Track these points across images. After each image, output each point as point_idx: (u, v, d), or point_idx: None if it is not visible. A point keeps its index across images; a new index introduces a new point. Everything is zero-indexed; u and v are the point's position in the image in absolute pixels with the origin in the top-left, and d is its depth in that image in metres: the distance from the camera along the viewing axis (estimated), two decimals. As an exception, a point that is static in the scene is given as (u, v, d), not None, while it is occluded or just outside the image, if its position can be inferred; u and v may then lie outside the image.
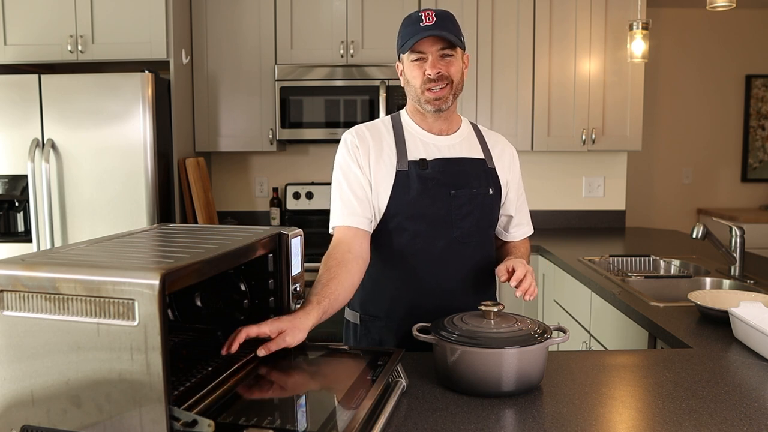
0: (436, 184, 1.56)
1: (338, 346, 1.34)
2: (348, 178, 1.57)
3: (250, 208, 3.91)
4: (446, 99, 1.54)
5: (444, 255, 1.58)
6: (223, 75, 3.51)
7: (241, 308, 1.28)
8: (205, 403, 0.99)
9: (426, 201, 1.56)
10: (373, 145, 1.58)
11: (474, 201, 1.59)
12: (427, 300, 1.58)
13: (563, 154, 3.83)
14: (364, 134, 1.60)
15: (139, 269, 0.87)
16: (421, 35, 1.49)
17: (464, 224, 1.58)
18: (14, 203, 3.17)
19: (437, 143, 1.61)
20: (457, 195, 1.58)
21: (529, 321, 1.30)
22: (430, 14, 1.52)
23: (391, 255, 1.59)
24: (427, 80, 1.52)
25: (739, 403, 1.18)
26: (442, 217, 1.57)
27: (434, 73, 1.51)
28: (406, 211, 1.56)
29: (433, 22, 1.50)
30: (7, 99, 2.99)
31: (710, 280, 2.31)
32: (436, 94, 1.53)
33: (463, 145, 1.64)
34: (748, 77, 4.89)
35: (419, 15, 1.53)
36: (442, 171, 1.57)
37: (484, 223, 1.63)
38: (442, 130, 1.63)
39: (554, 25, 3.48)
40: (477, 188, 1.60)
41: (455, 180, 1.58)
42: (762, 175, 4.98)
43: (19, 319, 0.90)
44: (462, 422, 1.10)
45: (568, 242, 3.31)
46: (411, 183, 1.55)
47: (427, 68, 1.51)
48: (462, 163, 1.60)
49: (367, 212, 1.55)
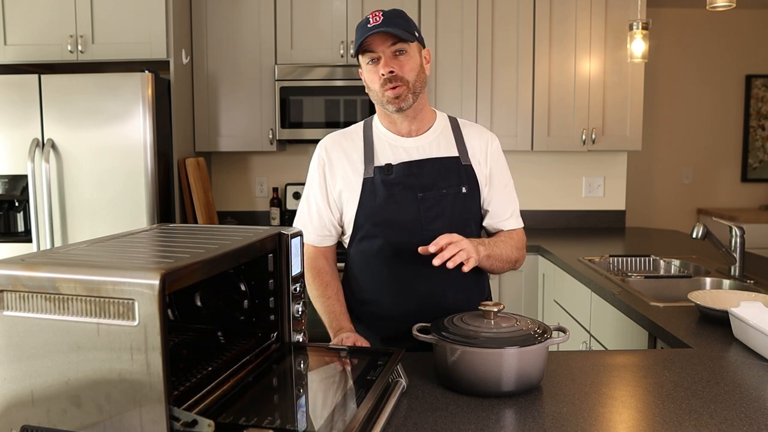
0: (402, 189, 1.56)
1: (338, 346, 1.34)
2: (308, 197, 1.66)
3: (250, 208, 3.91)
4: (405, 97, 1.53)
5: (418, 258, 1.55)
6: (223, 75, 3.51)
7: (241, 308, 1.28)
8: (205, 403, 0.99)
9: (393, 206, 1.56)
10: (341, 155, 1.62)
11: (444, 201, 1.58)
12: (408, 303, 1.59)
13: (563, 154, 3.83)
14: (332, 145, 1.64)
15: (139, 269, 0.87)
16: (367, 33, 1.48)
17: (435, 226, 1.56)
18: (14, 203, 3.17)
19: (406, 145, 1.61)
20: (425, 197, 1.57)
21: (529, 321, 1.30)
22: (377, 14, 1.50)
23: (369, 260, 1.61)
24: (384, 81, 1.51)
25: (739, 403, 1.18)
26: (412, 221, 1.56)
27: (387, 72, 1.49)
28: (374, 218, 1.57)
29: (380, 21, 1.48)
30: (7, 99, 2.99)
31: (710, 280, 2.31)
32: (393, 92, 1.51)
33: (433, 144, 1.62)
34: (748, 77, 4.89)
35: (367, 18, 1.51)
36: (407, 174, 1.57)
37: (459, 222, 1.59)
38: (412, 131, 1.62)
39: (554, 25, 3.48)
40: (447, 188, 1.58)
41: (422, 182, 1.57)
42: (762, 175, 4.98)
43: (19, 319, 0.90)
44: (462, 422, 1.10)
45: (568, 242, 3.31)
46: (377, 189, 1.57)
47: (381, 68, 1.50)
48: (428, 164, 1.59)
49: (326, 230, 1.66)
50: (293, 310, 1.27)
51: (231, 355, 1.16)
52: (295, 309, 1.27)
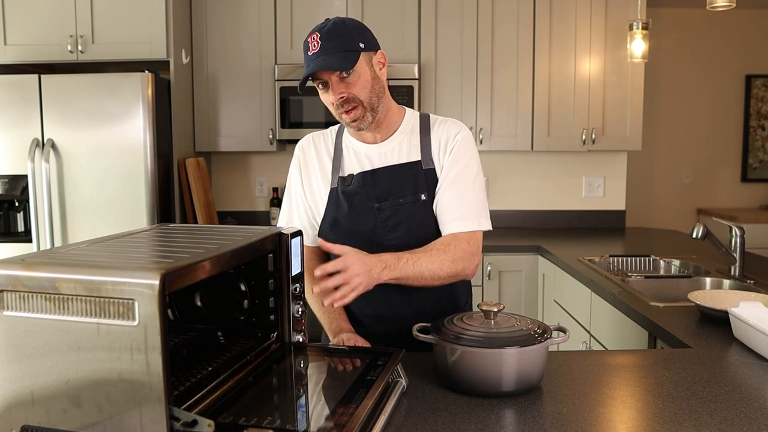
0: (360, 199, 1.55)
1: (338, 346, 1.34)
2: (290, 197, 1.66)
3: (250, 208, 3.91)
4: (363, 118, 1.49)
5: None
6: (223, 75, 3.51)
7: (241, 308, 1.28)
8: (205, 403, 0.99)
9: (352, 217, 1.55)
10: (315, 160, 1.63)
11: (401, 211, 1.53)
12: (377, 309, 1.57)
13: (563, 154, 3.83)
14: (308, 147, 1.65)
15: (139, 269, 0.87)
16: (307, 70, 1.44)
17: (393, 236, 1.52)
18: (14, 203, 3.17)
19: (369, 153, 1.58)
20: (381, 207, 1.53)
21: (529, 321, 1.30)
22: (315, 39, 1.44)
23: None
24: (338, 105, 1.48)
25: (739, 403, 1.18)
26: (370, 232, 1.54)
27: (338, 99, 1.46)
28: (337, 228, 1.57)
29: (318, 48, 1.43)
30: (7, 99, 2.99)
31: (710, 280, 2.31)
32: (350, 116, 1.49)
33: (395, 150, 1.57)
34: (748, 77, 4.89)
35: (306, 43, 1.46)
36: (363, 185, 1.54)
37: (417, 231, 1.52)
38: (377, 138, 1.58)
39: (554, 25, 3.48)
40: (404, 197, 1.53)
41: (378, 192, 1.54)
42: (762, 175, 4.98)
43: (19, 319, 0.90)
44: (462, 422, 1.10)
45: (568, 242, 3.31)
46: (339, 200, 1.57)
47: (330, 95, 1.48)
48: (384, 173, 1.54)
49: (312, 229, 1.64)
50: (293, 310, 1.27)
51: (231, 355, 1.16)
52: (295, 309, 1.28)
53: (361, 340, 1.47)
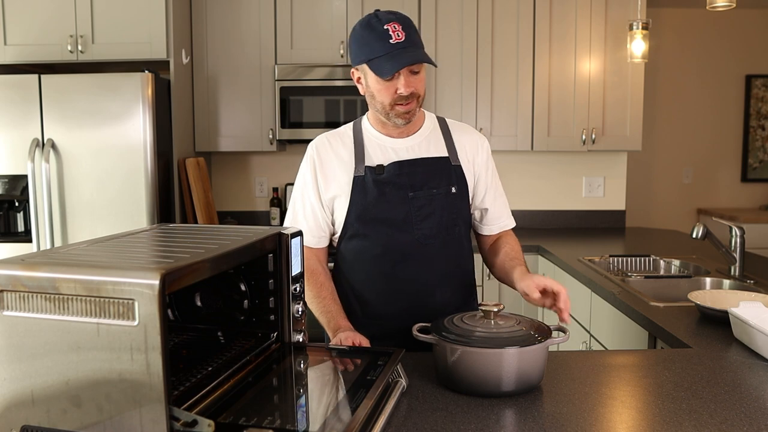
0: (393, 188, 1.56)
1: (338, 346, 1.34)
2: (303, 198, 1.64)
3: (250, 208, 3.91)
4: (415, 112, 1.54)
5: (409, 256, 1.58)
6: (223, 75, 3.51)
7: (241, 308, 1.28)
8: (205, 403, 0.99)
9: (383, 206, 1.56)
10: (332, 155, 1.62)
11: (434, 201, 1.58)
12: (397, 302, 1.59)
13: (563, 154, 3.83)
14: (323, 146, 1.64)
15: (139, 269, 0.87)
16: (398, 62, 1.43)
17: (425, 225, 1.57)
18: (14, 203, 3.16)
19: (395, 146, 1.60)
20: (416, 197, 1.57)
21: (529, 321, 1.30)
22: (396, 27, 1.43)
23: (359, 258, 1.61)
24: (399, 97, 1.49)
25: (739, 403, 1.18)
26: (402, 220, 1.57)
27: (407, 92, 1.48)
28: (364, 217, 1.57)
29: (404, 38, 1.43)
30: (7, 99, 2.99)
31: (710, 280, 2.31)
32: (406, 108, 1.50)
33: (422, 144, 1.62)
34: (748, 77, 4.89)
35: (385, 29, 1.43)
36: (398, 174, 1.57)
37: (448, 222, 1.60)
38: (402, 133, 1.61)
39: (554, 25, 3.48)
40: (437, 188, 1.58)
41: (412, 182, 1.57)
42: (762, 175, 4.98)
43: (19, 319, 0.90)
44: (462, 422, 1.10)
45: (568, 242, 3.31)
46: (368, 188, 1.57)
47: (400, 88, 1.47)
48: (420, 164, 1.59)
49: (321, 231, 1.64)
50: (293, 310, 1.27)
51: (231, 355, 1.16)
52: (295, 309, 1.28)
53: (360, 338, 1.47)
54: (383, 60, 1.44)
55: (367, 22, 1.48)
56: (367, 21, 1.49)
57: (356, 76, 1.57)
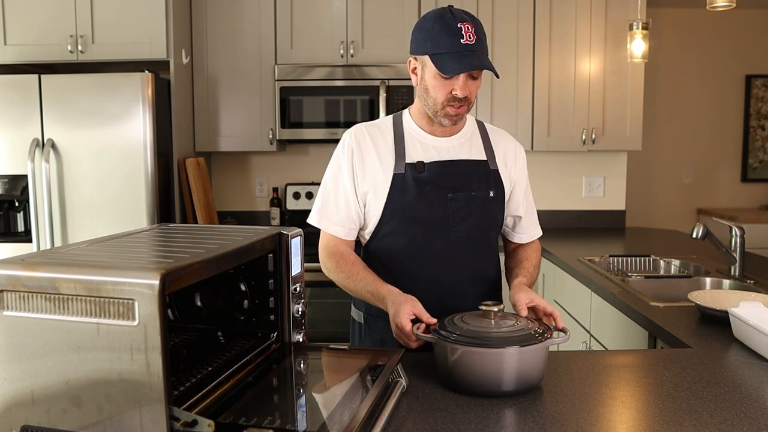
0: (432, 188, 1.55)
1: (338, 346, 1.34)
2: (337, 186, 1.59)
3: (250, 208, 3.91)
4: (463, 116, 1.55)
5: (442, 258, 1.57)
6: (223, 75, 3.51)
7: (241, 308, 1.28)
8: (205, 403, 0.99)
9: (423, 204, 1.55)
10: (371, 147, 1.58)
11: (473, 204, 1.58)
12: (427, 302, 1.57)
13: (563, 154, 3.83)
14: (362, 135, 1.59)
15: (139, 269, 0.87)
16: (465, 64, 1.41)
17: (462, 227, 1.57)
18: (14, 203, 3.17)
19: (437, 145, 1.59)
20: (455, 198, 1.56)
21: (529, 321, 1.30)
22: (469, 28, 1.42)
23: (390, 257, 1.59)
24: (453, 98, 1.48)
25: (739, 403, 1.18)
26: (440, 221, 1.55)
27: (462, 95, 1.47)
28: (402, 214, 1.55)
29: (475, 41, 1.43)
30: (7, 99, 2.99)
31: (710, 280, 2.31)
32: (456, 111, 1.50)
33: (464, 146, 1.61)
34: (748, 77, 4.89)
35: (459, 28, 1.43)
36: (438, 174, 1.56)
37: (485, 225, 1.60)
38: (445, 132, 1.60)
39: (554, 25, 3.48)
40: (476, 191, 1.58)
41: (453, 182, 1.56)
42: (762, 175, 4.98)
43: (19, 319, 0.90)
44: (462, 422, 1.10)
45: (568, 242, 3.31)
46: (407, 186, 1.54)
47: (457, 90, 1.46)
48: (461, 165, 1.58)
49: (352, 223, 1.59)
50: (293, 310, 1.27)
51: (231, 355, 1.16)
52: (295, 309, 1.28)
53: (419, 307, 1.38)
54: (449, 57, 1.43)
55: (440, 15, 1.47)
56: (440, 14, 1.47)
57: (412, 66, 1.55)
